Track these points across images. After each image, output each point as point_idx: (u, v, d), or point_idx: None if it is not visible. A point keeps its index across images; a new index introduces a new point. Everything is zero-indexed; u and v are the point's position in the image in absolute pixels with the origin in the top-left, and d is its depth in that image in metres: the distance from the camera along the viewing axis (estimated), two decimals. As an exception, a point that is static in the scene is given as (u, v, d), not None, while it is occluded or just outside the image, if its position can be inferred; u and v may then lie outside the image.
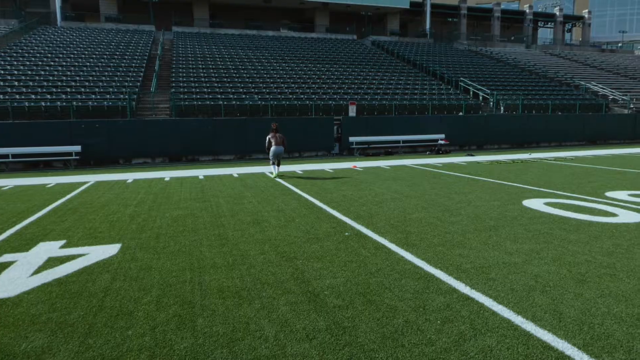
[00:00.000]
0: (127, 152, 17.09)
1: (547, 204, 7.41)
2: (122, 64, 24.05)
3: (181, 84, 22.00)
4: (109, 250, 5.13)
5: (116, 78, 21.82)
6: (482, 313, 3.30)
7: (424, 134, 20.49)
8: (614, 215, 6.50)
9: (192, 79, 23.06)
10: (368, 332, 3.05)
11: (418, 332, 3.03)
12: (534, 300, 3.51)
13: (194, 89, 21.51)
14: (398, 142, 20.14)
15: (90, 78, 21.53)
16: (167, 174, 12.98)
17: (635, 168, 12.45)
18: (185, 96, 20.44)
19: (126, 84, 21.11)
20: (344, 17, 43.32)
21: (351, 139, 19.44)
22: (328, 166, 14.56)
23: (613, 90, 29.47)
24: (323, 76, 26.08)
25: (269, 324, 3.20)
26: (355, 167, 14.18)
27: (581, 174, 11.24)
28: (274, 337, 3.01)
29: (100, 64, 23.85)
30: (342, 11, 42.19)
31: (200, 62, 26.20)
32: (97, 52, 25.85)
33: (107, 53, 25.87)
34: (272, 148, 11.48)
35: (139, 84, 21.47)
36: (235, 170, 13.65)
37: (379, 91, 24.34)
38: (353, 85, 24.91)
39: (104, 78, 21.71)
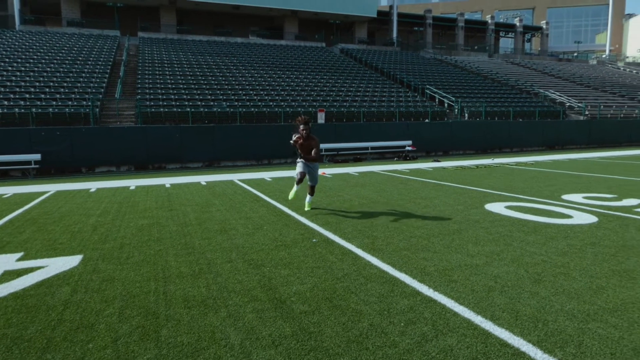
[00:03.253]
0: (91, 161, 16.57)
1: (507, 207, 7.69)
2: (85, 70, 23.37)
3: (147, 91, 21.56)
4: (70, 261, 4.97)
5: (79, 84, 21.16)
6: (443, 314, 3.40)
7: (391, 140, 20.84)
8: (569, 217, 6.81)
9: (158, 85, 22.64)
10: (333, 336, 3.09)
11: (382, 335, 3.09)
12: (493, 300, 3.64)
13: (160, 96, 21.12)
14: (367, 148, 20.40)
15: (51, 84, 20.80)
16: (132, 183, 12.67)
17: (589, 172, 13.09)
18: (152, 103, 20.04)
19: (89, 90, 20.51)
20: (313, 25, 43.71)
21: (320, 145, 19.52)
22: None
23: (569, 98, 30.90)
24: (292, 83, 26.16)
25: (234, 332, 3.19)
26: (324, 173, 14.26)
27: (540, 178, 11.72)
28: (240, 345, 3.00)
29: (61, 69, 23.08)
30: (311, 19, 42.56)
31: (167, 69, 25.78)
32: (58, 57, 25.02)
33: (69, 58, 25.08)
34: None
35: (102, 90, 20.90)
36: (203, 178, 13.47)
37: (347, 98, 24.63)
38: (322, 93, 25.10)
39: (65, 84, 21.01)
